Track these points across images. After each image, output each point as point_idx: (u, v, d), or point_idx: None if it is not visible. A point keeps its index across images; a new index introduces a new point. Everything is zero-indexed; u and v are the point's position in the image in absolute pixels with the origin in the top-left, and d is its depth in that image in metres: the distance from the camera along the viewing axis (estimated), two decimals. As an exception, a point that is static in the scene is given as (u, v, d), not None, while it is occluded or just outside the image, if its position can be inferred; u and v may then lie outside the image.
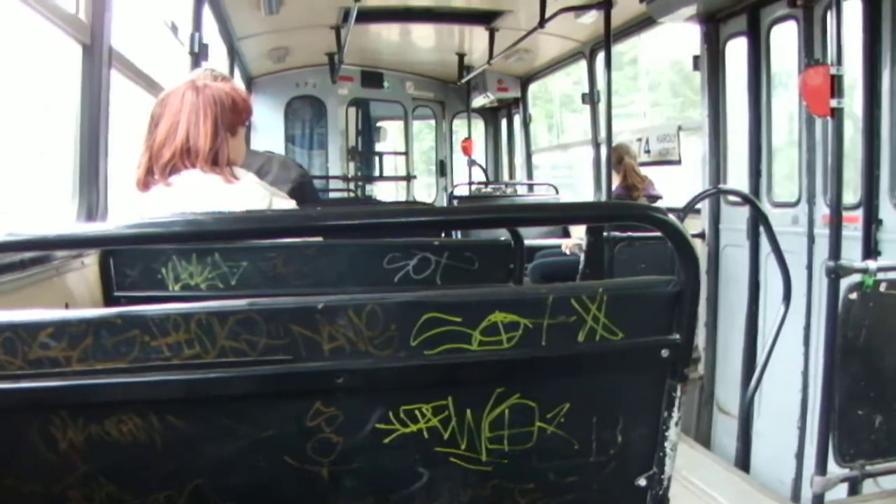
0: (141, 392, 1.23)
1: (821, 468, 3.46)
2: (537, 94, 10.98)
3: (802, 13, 4.92)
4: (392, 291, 1.33)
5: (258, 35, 8.30)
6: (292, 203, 2.86)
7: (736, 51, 5.74)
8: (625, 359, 1.37)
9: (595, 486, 1.41)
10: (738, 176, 5.84)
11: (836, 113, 3.58)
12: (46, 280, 2.64)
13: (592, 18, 6.79)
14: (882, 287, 3.28)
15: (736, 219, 5.76)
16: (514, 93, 10.62)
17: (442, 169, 12.00)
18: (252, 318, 1.23)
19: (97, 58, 3.27)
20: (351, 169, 11.46)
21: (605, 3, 5.95)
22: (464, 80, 10.33)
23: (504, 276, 2.92)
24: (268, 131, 10.37)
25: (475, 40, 9.07)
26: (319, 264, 2.73)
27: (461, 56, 9.95)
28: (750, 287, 5.56)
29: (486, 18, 8.13)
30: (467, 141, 11.09)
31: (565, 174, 10.78)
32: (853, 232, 4.29)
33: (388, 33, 9.35)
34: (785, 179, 5.46)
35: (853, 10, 4.30)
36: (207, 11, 5.98)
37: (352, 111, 11.52)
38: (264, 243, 2.70)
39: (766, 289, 5.43)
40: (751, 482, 4.30)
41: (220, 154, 2.69)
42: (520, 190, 10.73)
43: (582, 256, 6.16)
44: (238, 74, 8.60)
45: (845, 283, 3.36)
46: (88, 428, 1.23)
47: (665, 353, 1.36)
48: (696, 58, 6.15)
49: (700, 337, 6.08)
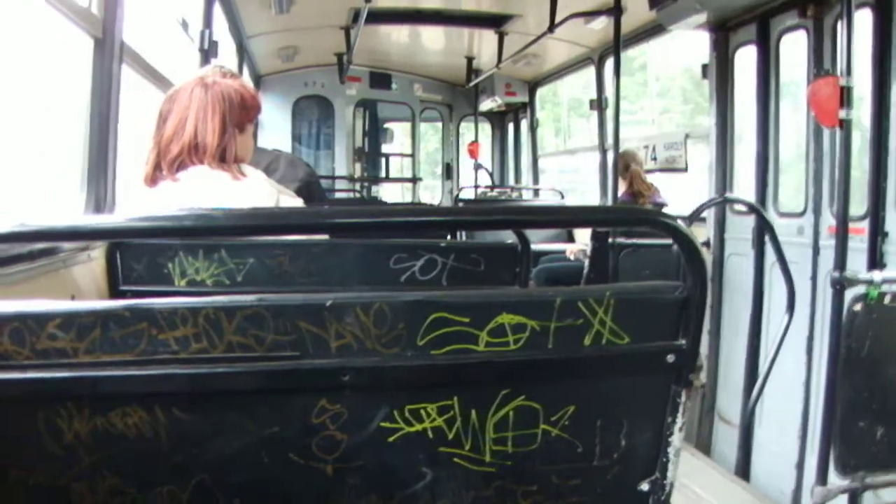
0: (147, 385, 1.23)
1: (821, 479, 3.45)
2: (545, 97, 10.97)
3: (813, 23, 4.91)
4: (399, 291, 1.33)
5: (268, 34, 8.32)
6: (299, 201, 2.87)
7: (745, 60, 5.73)
8: (630, 363, 1.37)
9: (598, 490, 1.41)
10: (745, 185, 5.83)
11: (845, 124, 3.58)
12: (53, 272, 2.64)
13: (602, 24, 6.81)
14: (886, 299, 3.28)
15: (741, 228, 5.75)
16: (522, 97, 10.62)
17: (448, 172, 12.01)
18: (260, 314, 1.23)
19: (108, 52, 3.28)
20: (357, 170, 11.46)
21: (615, 10, 5.95)
22: (472, 84, 10.34)
23: (510, 279, 2.92)
24: (275, 130, 10.39)
25: (484, 44, 9.08)
26: (326, 263, 2.73)
27: (470, 59, 9.97)
28: (754, 296, 5.55)
29: (496, 22, 8.14)
30: (474, 144, 11.09)
31: (571, 179, 10.78)
32: (859, 243, 4.28)
33: (398, 35, 9.37)
34: (791, 190, 5.46)
35: (863, 21, 4.30)
36: (218, 9, 5.99)
37: (359, 112, 11.54)
38: (271, 240, 2.70)
39: (771, 298, 5.42)
40: (751, 491, 4.31)
41: (228, 151, 2.69)
42: (525, 195, 10.72)
43: (586, 262, 6.17)
44: (247, 72, 8.61)
45: (850, 295, 3.36)
46: (94, 420, 1.23)
47: (671, 359, 1.36)
48: (705, 66, 6.15)
49: (703, 345, 6.06)
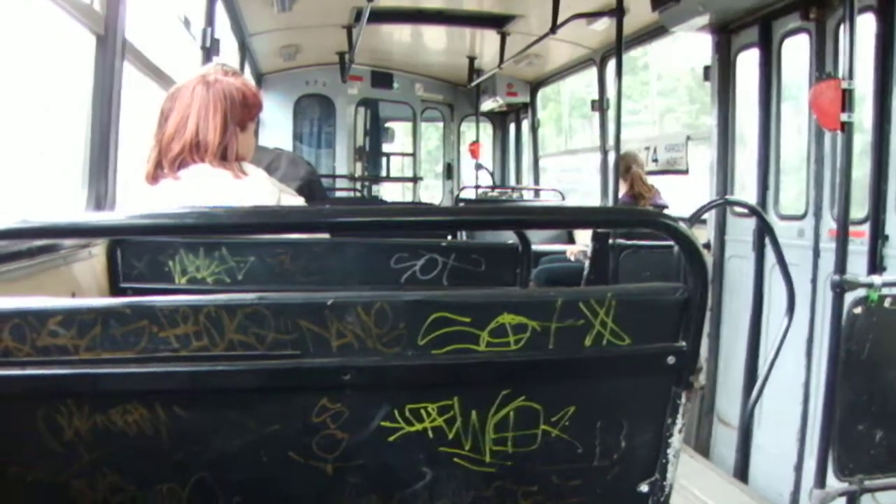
0: (148, 382, 1.23)
1: (820, 481, 3.45)
2: (549, 96, 10.96)
3: (815, 26, 4.91)
4: (399, 291, 1.33)
5: (270, 32, 8.32)
6: (301, 200, 2.87)
7: (747, 62, 5.73)
8: (631, 364, 1.37)
9: (598, 491, 1.41)
10: (746, 187, 5.83)
11: (847, 127, 3.58)
12: (54, 269, 2.64)
13: (604, 25, 6.81)
14: (887, 302, 3.28)
15: (742, 230, 5.75)
16: (524, 97, 10.62)
17: (449, 171, 12.01)
18: (261, 313, 1.23)
19: (110, 49, 3.28)
20: (358, 169, 11.47)
21: (618, 11, 5.95)
22: (473, 84, 10.34)
23: (510, 280, 2.93)
24: (276, 128, 10.38)
25: (486, 44, 9.08)
26: (326, 262, 2.73)
27: (471, 59, 9.97)
28: (754, 298, 5.55)
29: (498, 22, 8.14)
30: (475, 144, 11.10)
31: (573, 179, 10.77)
32: (859, 247, 4.28)
33: (400, 34, 9.37)
34: (792, 192, 5.46)
35: (866, 25, 4.30)
36: (220, 7, 5.99)
37: (360, 111, 11.54)
38: (272, 239, 2.70)
39: (770, 301, 5.42)
40: (749, 493, 4.30)
41: (229, 149, 2.69)
42: (526, 195, 10.73)
43: (587, 263, 6.17)
44: (248, 71, 8.62)
45: (850, 298, 3.35)
46: (94, 417, 1.23)
47: (671, 360, 1.36)
48: (707, 68, 6.15)
49: (703, 347, 6.05)
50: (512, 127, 11.89)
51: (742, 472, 5.01)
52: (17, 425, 1.23)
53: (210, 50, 5.35)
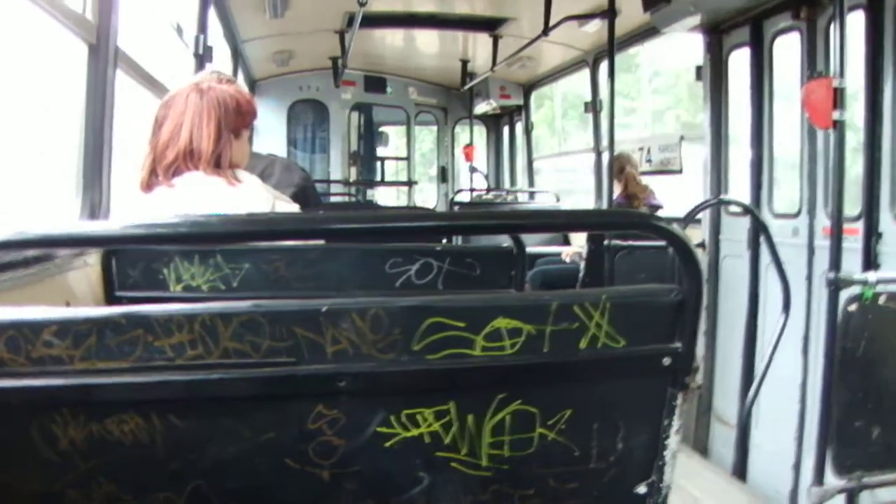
0: (143, 392, 1.23)
1: (818, 479, 3.45)
2: (545, 94, 10.95)
3: (806, 25, 4.93)
4: (394, 296, 1.33)
5: (262, 38, 8.31)
6: (295, 207, 2.87)
7: (739, 62, 5.74)
8: (626, 366, 1.37)
9: (595, 493, 1.41)
10: (740, 186, 5.84)
11: (839, 125, 3.58)
12: (48, 278, 2.64)
13: (596, 27, 6.81)
14: (881, 299, 3.28)
15: (736, 229, 5.76)
16: (517, 100, 10.61)
17: (443, 175, 12.01)
18: (256, 320, 1.23)
19: (103, 57, 3.27)
20: (352, 173, 11.46)
21: (609, 12, 5.95)
22: (467, 87, 10.34)
23: (505, 283, 2.93)
24: (270, 134, 10.36)
25: (479, 47, 9.08)
26: (321, 268, 2.73)
27: (464, 62, 9.96)
28: (749, 297, 5.55)
29: (490, 25, 8.14)
30: (469, 147, 11.09)
31: (569, 179, 10.76)
32: (853, 244, 4.28)
33: (392, 38, 9.36)
34: (786, 191, 5.47)
35: (856, 23, 4.31)
36: (212, 14, 5.98)
37: (354, 116, 11.53)
38: (266, 246, 2.70)
39: (766, 299, 5.43)
40: (747, 492, 4.31)
41: (223, 156, 2.69)
42: (521, 197, 10.72)
43: (582, 265, 6.17)
44: (241, 77, 8.61)
45: (845, 295, 3.36)
46: (89, 427, 1.23)
47: (666, 362, 1.36)
48: (700, 68, 6.16)
49: (699, 346, 6.05)
50: (506, 129, 11.89)
51: (740, 471, 5.01)
52: (13, 435, 1.22)
53: (203, 57, 5.34)
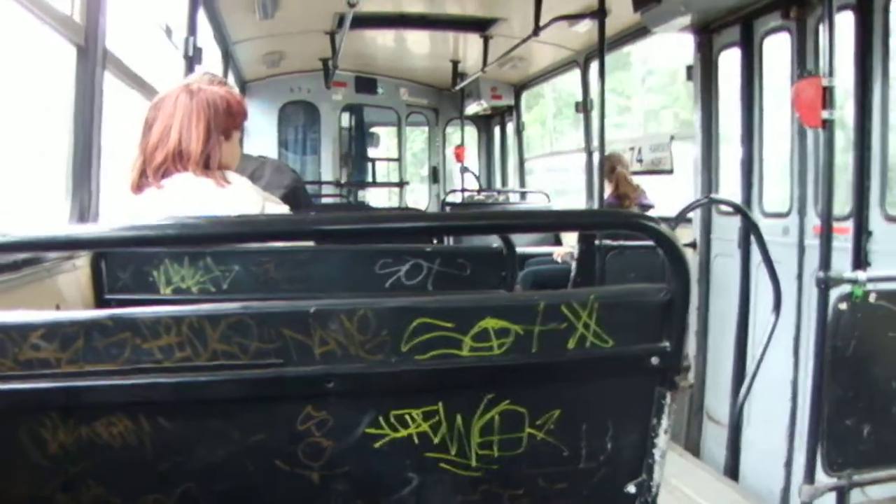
0: (131, 394, 1.22)
1: (809, 477, 3.46)
2: (537, 93, 10.92)
3: (795, 25, 4.94)
4: (383, 297, 1.33)
5: (253, 39, 8.29)
6: (285, 208, 2.86)
7: (729, 61, 5.76)
8: (615, 366, 1.37)
9: (585, 493, 1.41)
10: (730, 186, 5.85)
11: (828, 124, 3.59)
12: (38, 281, 2.63)
13: (587, 27, 6.81)
14: (871, 298, 3.29)
15: (727, 229, 5.77)
16: (508, 100, 10.62)
17: (434, 176, 12.01)
18: (244, 322, 1.23)
19: (91, 59, 3.26)
20: (343, 175, 11.45)
21: (600, 12, 5.96)
22: (458, 87, 10.34)
23: (496, 283, 2.93)
24: (261, 136, 10.36)
25: (469, 47, 9.08)
26: (311, 269, 2.73)
27: (455, 63, 9.96)
28: (740, 296, 5.57)
29: (481, 26, 8.14)
30: (460, 148, 11.10)
31: (562, 179, 10.74)
32: (843, 243, 4.30)
33: (383, 39, 9.36)
34: (776, 190, 5.48)
35: (845, 23, 4.32)
36: (202, 15, 5.97)
37: (345, 116, 11.54)
38: (256, 247, 2.69)
39: (757, 298, 5.44)
40: (740, 491, 4.32)
41: (212, 158, 2.68)
42: (512, 198, 10.73)
43: (573, 264, 6.18)
44: (232, 78, 8.59)
45: (835, 294, 3.36)
46: (78, 430, 1.22)
47: (655, 361, 1.36)
48: (690, 68, 6.17)
49: (690, 346, 6.09)
50: (497, 130, 11.90)
51: (732, 470, 5.02)
52: (1, 440, 1.22)
53: (193, 59, 5.33)
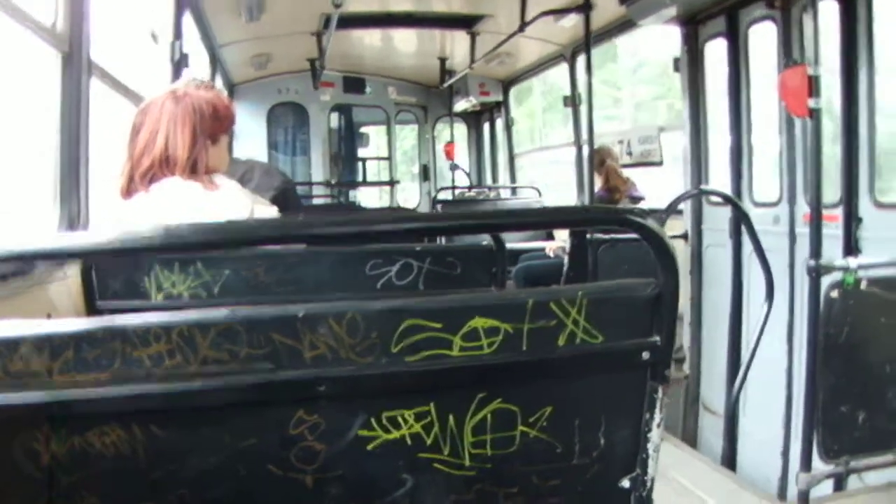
0: (123, 403, 1.22)
1: (805, 465, 3.47)
2: (527, 88, 10.90)
3: (780, 14, 4.95)
4: (375, 298, 1.33)
5: (239, 42, 8.29)
6: (274, 210, 2.86)
7: (715, 52, 5.76)
8: (605, 362, 1.37)
9: (579, 489, 1.41)
10: (721, 176, 5.86)
11: (815, 113, 3.59)
12: (28, 291, 2.63)
13: (572, 21, 6.83)
14: (863, 284, 3.30)
15: (718, 219, 5.78)
16: (497, 96, 10.63)
17: (425, 173, 12.01)
18: (233, 328, 1.23)
19: (76, 67, 3.26)
20: (334, 175, 11.45)
21: (585, 6, 5.98)
22: (446, 85, 10.35)
23: (487, 281, 2.93)
24: (250, 138, 10.35)
25: (456, 44, 9.09)
26: (302, 272, 2.73)
27: (443, 60, 9.97)
28: (733, 286, 5.58)
29: (467, 23, 8.15)
30: (450, 145, 11.10)
31: (556, 171, 10.71)
32: (834, 230, 4.31)
33: (370, 39, 9.36)
34: (766, 179, 5.49)
35: (830, 11, 4.33)
36: (188, 19, 5.96)
37: (334, 117, 11.54)
38: (246, 251, 2.69)
39: (749, 288, 5.45)
40: (737, 481, 4.32)
41: (199, 162, 2.68)
42: (503, 193, 10.74)
43: (566, 259, 6.19)
44: (220, 81, 8.59)
45: (826, 282, 3.37)
46: (71, 440, 1.22)
47: (645, 356, 1.37)
48: (677, 59, 6.18)
49: (685, 337, 6.11)
50: (486, 126, 11.91)
51: (730, 460, 5.03)
52: None
53: (180, 63, 5.32)
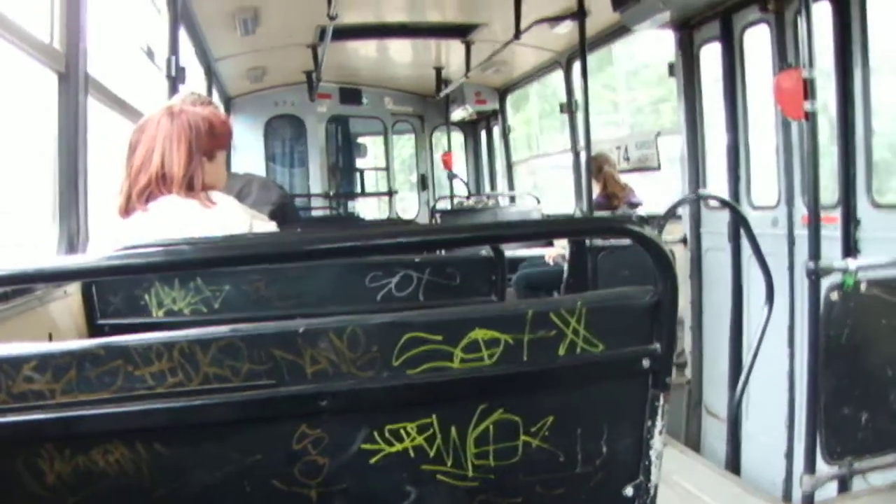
0: (126, 422, 1.23)
1: (809, 467, 3.47)
2: (524, 95, 10.90)
3: (774, 18, 4.96)
4: (375, 310, 1.34)
5: (235, 56, 8.30)
6: (273, 225, 2.86)
7: (710, 56, 5.77)
8: (606, 370, 1.38)
9: (583, 498, 1.42)
10: (718, 180, 5.86)
11: (811, 115, 3.60)
12: (30, 311, 2.63)
13: (567, 28, 6.83)
14: (862, 286, 3.30)
15: (717, 223, 5.78)
16: (493, 105, 10.64)
17: (423, 183, 12.01)
18: (234, 345, 1.23)
19: (73, 85, 3.26)
20: (332, 186, 11.46)
21: (580, 13, 5.99)
22: (442, 94, 10.35)
23: (486, 290, 2.93)
24: (248, 151, 10.36)
25: (452, 54, 9.09)
26: (302, 286, 2.73)
27: (439, 70, 9.97)
28: (733, 290, 5.58)
29: (462, 32, 8.16)
30: (447, 154, 11.11)
31: (555, 176, 10.67)
32: (832, 232, 4.31)
33: (365, 50, 9.36)
34: (764, 182, 5.49)
35: (824, 13, 4.34)
36: (183, 35, 5.97)
37: (331, 128, 11.54)
38: (246, 266, 2.69)
39: (749, 291, 5.45)
40: (741, 484, 4.31)
41: (196, 179, 2.69)
42: (501, 201, 10.74)
43: (565, 266, 6.19)
44: (216, 95, 8.59)
45: (826, 284, 3.38)
46: (75, 459, 1.23)
47: (646, 363, 1.37)
48: (672, 64, 6.19)
49: (686, 341, 6.10)
50: (483, 134, 11.92)
51: (733, 464, 5.02)
52: None
53: (176, 79, 5.32)
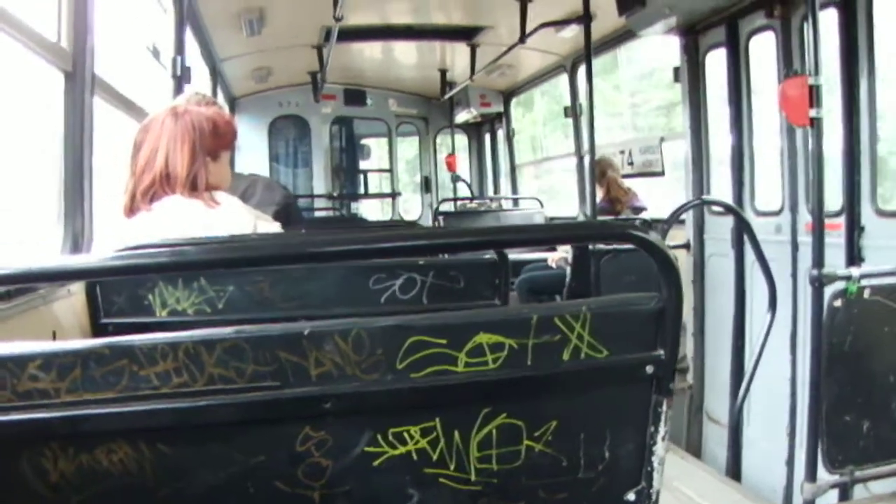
0: (130, 421, 1.23)
1: (810, 475, 3.46)
2: (530, 97, 10.91)
3: (780, 24, 4.96)
4: (379, 312, 1.34)
5: (240, 56, 8.31)
6: (277, 226, 2.86)
7: (716, 62, 5.77)
8: (610, 376, 1.38)
9: (585, 502, 1.42)
10: (722, 185, 5.86)
11: (816, 122, 3.60)
12: (33, 309, 2.63)
13: (573, 32, 6.85)
14: (866, 294, 3.30)
15: (720, 228, 5.78)
16: (497, 107, 10.65)
17: (427, 185, 12.02)
18: (239, 346, 1.23)
19: (80, 84, 3.26)
20: (336, 187, 11.47)
21: (585, 17, 5.99)
22: (447, 96, 10.36)
23: (490, 294, 2.93)
24: (252, 151, 10.37)
25: (457, 56, 9.11)
26: (306, 287, 2.73)
27: (443, 72, 9.99)
28: (736, 296, 5.57)
29: (467, 35, 8.17)
30: (451, 157, 11.11)
31: (560, 179, 10.68)
32: (836, 239, 4.31)
33: (371, 51, 9.38)
34: (768, 188, 5.49)
35: (830, 20, 4.34)
36: (189, 34, 5.98)
37: (335, 129, 11.56)
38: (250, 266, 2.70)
39: (752, 297, 5.44)
40: (742, 492, 4.31)
41: (199, 179, 2.69)
42: (505, 204, 10.74)
43: (568, 270, 6.19)
44: (221, 95, 8.60)
45: (829, 291, 3.37)
46: (79, 458, 1.23)
47: (650, 370, 1.37)
48: (677, 69, 6.19)
49: (688, 346, 6.09)
50: (487, 137, 11.93)
51: (734, 470, 5.02)
52: (2, 470, 1.22)
53: (181, 78, 5.33)
